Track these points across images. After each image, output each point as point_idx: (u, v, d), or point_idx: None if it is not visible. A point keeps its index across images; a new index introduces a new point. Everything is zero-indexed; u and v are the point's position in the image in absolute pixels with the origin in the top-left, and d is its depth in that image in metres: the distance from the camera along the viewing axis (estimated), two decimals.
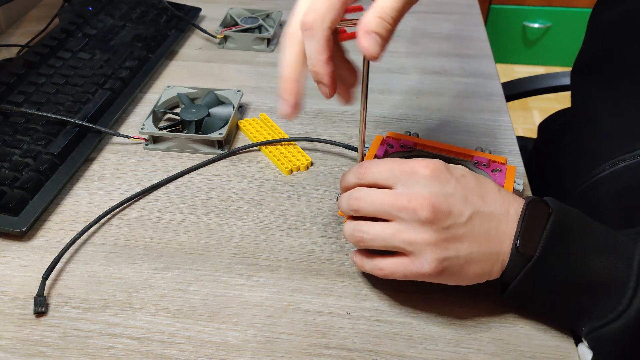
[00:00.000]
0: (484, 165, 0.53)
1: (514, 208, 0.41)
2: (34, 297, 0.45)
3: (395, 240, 0.41)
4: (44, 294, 0.46)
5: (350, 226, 0.43)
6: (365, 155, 0.54)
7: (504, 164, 0.53)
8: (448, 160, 0.55)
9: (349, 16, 0.42)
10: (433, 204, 0.39)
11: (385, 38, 0.38)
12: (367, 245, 0.42)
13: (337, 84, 0.41)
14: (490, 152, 0.55)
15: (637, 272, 0.38)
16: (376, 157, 0.54)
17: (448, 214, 0.40)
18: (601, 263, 0.39)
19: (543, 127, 0.80)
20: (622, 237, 0.41)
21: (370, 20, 0.37)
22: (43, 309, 0.45)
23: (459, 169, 0.43)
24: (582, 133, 0.60)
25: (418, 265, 0.41)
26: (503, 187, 0.50)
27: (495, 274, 0.42)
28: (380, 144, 0.55)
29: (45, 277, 0.47)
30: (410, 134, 0.57)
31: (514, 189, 0.51)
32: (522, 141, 0.85)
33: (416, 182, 0.41)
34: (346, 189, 0.45)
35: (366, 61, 0.43)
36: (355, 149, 0.59)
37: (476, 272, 0.41)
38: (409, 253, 0.41)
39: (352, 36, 0.41)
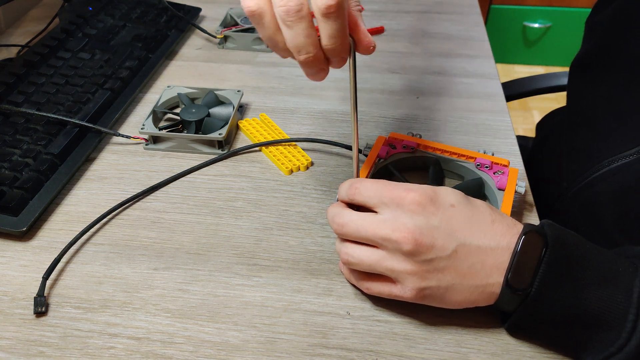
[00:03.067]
0: (486, 167, 0.53)
1: (507, 240, 0.40)
2: (34, 297, 0.45)
3: (378, 266, 0.41)
4: (44, 294, 0.46)
5: (338, 246, 0.44)
6: (367, 155, 0.54)
7: (506, 166, 0.53)
8: (450, 162, 0.55)
9: None
10: (416, 238, 0.39)
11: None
12: (353, 267, 0.43)
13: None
14: (492, 154, 0.55)
15: (637, 304, 0.38)
16: (378, 157, 0.54)
17: (430, 248, 0.39)
18: (600, 295, 0.38)
19: (540, 126, 0.80)
20: (623, 264, 0.40)
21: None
22: (43, 309, 0.45)
23: (450, 198, 0.42)
24: (578, 133, 0.60)
25: (400, 290, 0.42)
26: (505, 188, 0.51)
27: (483, 302, 0.42)
28: (383, 145, 0.55)
29: (45, 277, 0.47)
30: (413, 135, 0.57)
31: (515, 192, 0.51)
32: (522, 141, 0.85)
33: (402, 212, 0.40)
34: (340, 200, 0.45)
35: (352, 59, 0.42)
36: (351, 149, 0.59)
37: (459, 300, 0.42)
38: (393, 279, 0.42)
39: None
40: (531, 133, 1.83)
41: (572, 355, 0.42)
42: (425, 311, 0.45)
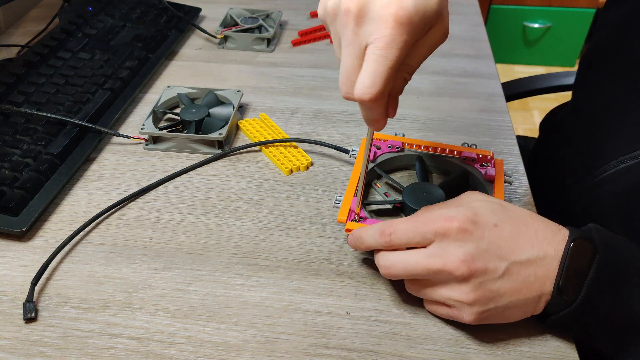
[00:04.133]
0: (472, 160, 0.54)
1: (553, 248, 0.40)
2: (23, 303, 0.45)
3: (435, 295, 0.42)
4: (33, 299, 0.45)
5: (407, 286, 0.45)
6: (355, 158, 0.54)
7: (491, 158, 0.54)
8: (436, 158, 0.55)
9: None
10: (469, 265, 0.39)
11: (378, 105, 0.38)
12: (422, 296, 0.44)
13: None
14: (475, 147, 0.55)
15: None
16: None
17: (484, 272, 0.39)
18: None
19: (544, 124, 0.80)
20: None
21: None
22: (32, 315, 0.44)
23: (491, 217, 0.41)
24: (584, 132, 0.60)
25: (459, 316, 0.42)
26: (494, 180, 0.51)
27: (538, 310, 0.42)
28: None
29: (34, 283, 0.46)
30: (396, 135, 0.57)
31: (505, 182, 0.52)
32: (522, 141, 0.85)
33: (449, 242, 0.40)
34: (364, 245, 0.45)
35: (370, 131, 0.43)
36: (345, 151, 0.59)
37: (518, 315, 0.42)
38: (450, 306, 0.42)
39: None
40: (531, 133, 1.83)
41: (614, 356, 0.42)
42: (424, 311, 0.45)
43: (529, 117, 2.01)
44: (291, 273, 0.48)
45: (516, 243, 0.40)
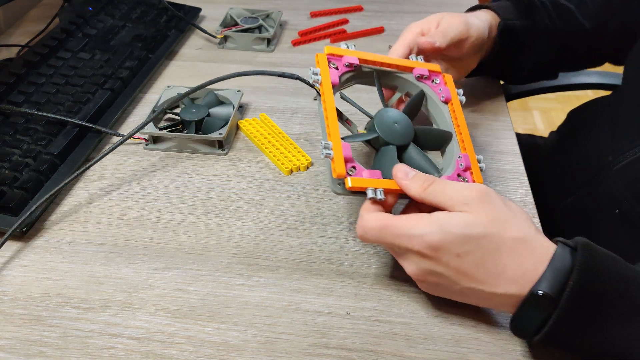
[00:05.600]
0: (425, 77, 0.54)
1: (518, 288, 0.39)
2: None
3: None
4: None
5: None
6: (318, 84, 0.50)
7: (440, 72, 0.55)
8: (390, 75, 0.55)
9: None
10: (420, 280, 0.43)
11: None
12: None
13: None
14: (422, 60, 0.55)
15: None
16: (333, 85, 0.49)
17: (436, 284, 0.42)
18: (629, 333, 0.37)
19: (574, 112, 0.79)
20: None
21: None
22: None
23: (458, 248, 0.39)
24: (628, 110, 0.59)
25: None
26: (450, 99, 0.53)
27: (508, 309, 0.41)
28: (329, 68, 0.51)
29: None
30: (347, 47, 0.53)
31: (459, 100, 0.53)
32: (530, 139, 0.85)
33: (412, 255, 0.41)
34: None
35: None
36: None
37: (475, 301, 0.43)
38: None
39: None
40: (531, 133, 1.82)
41: None
42: (425, 311, 0.45)
43: (529, 117, 2.01)
44: (291, 273, 0.48)
45: (475, 275, 0.40)
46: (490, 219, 0.39)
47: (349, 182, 0.43)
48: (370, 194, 0.42)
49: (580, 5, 0.67)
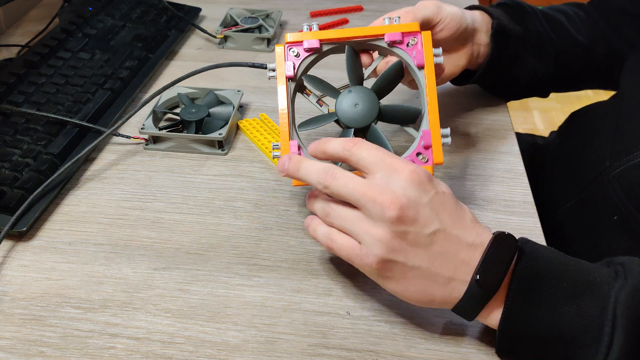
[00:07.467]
0: (399, 42, 0.49)
1: (481, 240, 0.40)
2: None
3: (354, 226, 0.41)
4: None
5: (318, 204, 0.44)
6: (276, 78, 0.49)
7: (418, 32, 0.48)
8: (362, 45, 0.51)
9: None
10: (402, 207, 0.39)
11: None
12: (330, 219, 0.42)
13: None
14: (398, 19, 0.50)
15: (613, 316, 0.37)
16: (287, 79, 0.49)
17: (412, 221, 0.39)
18: (574, 310, 0.38)
19: (575, 115, 0.79)
20: (602, 274, 0.39)
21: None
22: None
23: (442, 186, 0.42)
24: (627, 115, 0.59)
25: (364, 254, 0.40)
26: (424, 62, 0.48)
27: (439, 300, 0.41)
28: (286, 60, 0.49)
29: None
30: (309, 27, 0.50)
31: (435, 64, 0.48)
32: (531, 138, 0.85)
33: (396, 179, 0.40)
34: (324, 153, 0.44)
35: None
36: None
37: (417, 288, 0.41)
38: (361, 241, 0.40)
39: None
40: (531, 132, 1.82)
41: None
42: (425, 311, 0.45)
43: (529, 117, 2.01)
44: (291, 273, 0.48)
45: (455, 217, 0.41)
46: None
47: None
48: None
49: (569, 21, 0.67)
